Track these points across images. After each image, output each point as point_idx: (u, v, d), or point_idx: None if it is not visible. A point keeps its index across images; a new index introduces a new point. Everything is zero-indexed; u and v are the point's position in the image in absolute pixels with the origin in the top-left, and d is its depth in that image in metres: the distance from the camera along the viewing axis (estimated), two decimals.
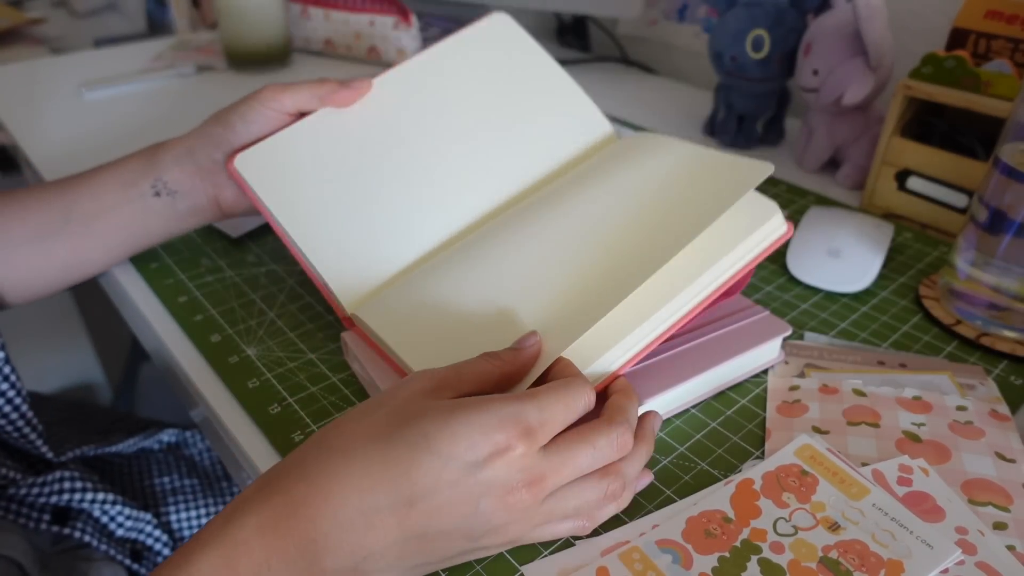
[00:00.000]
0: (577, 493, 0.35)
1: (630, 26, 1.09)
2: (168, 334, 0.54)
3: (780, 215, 0.46)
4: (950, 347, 0.52)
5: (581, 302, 0.42)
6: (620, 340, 0.40)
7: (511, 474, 0.32)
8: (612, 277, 0.42)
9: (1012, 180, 0.48)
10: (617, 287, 0.41)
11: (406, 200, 0.51)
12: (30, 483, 0.54)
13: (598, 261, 0.44)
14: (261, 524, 0.31)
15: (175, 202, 0.53)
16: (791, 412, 0.45)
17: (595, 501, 0.36)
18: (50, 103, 0.90)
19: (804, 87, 0.73)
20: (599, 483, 0.35)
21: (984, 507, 0.39)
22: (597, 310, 0.40)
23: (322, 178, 0.51)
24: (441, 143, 0.54)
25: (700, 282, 0.43)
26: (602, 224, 0.47)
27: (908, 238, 0.65)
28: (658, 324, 0.42)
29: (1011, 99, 0.60)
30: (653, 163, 0.51)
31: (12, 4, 1.42)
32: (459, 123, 0.55)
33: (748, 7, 0.74)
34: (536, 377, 0.38)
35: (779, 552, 0.36)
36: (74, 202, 0.52)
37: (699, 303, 0.43)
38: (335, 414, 0.46)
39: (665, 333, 0.42)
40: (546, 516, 0.34)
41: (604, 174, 0.51)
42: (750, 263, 0.45)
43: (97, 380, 1.47)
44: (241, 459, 0.46)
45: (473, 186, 0.53)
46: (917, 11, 0.80)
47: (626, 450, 0.36)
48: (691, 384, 0.45)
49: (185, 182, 0.53)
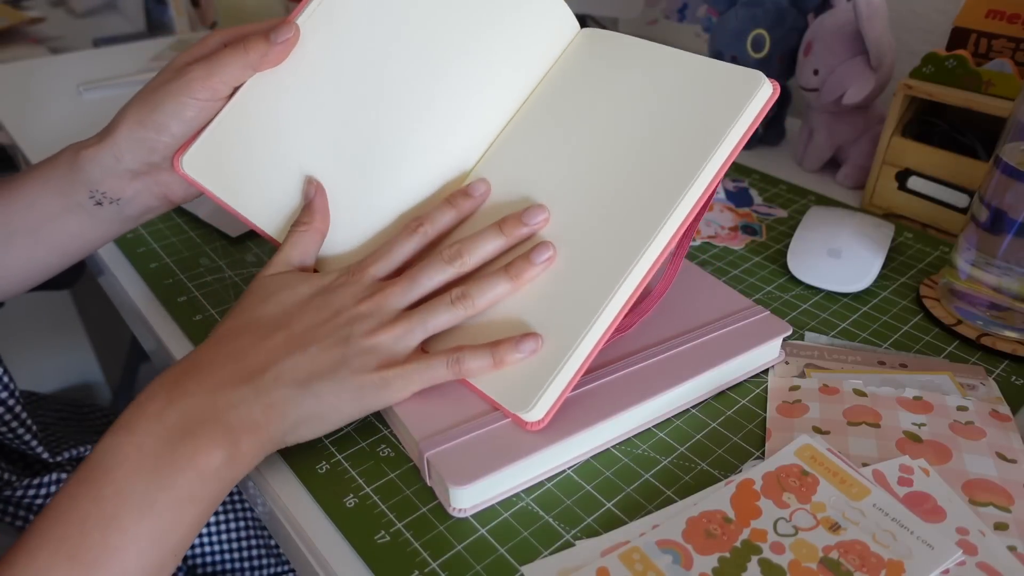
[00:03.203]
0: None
1: (630, 26, 1.09)
2: (167, 334, 0.54)
3: (765, 80, 0.44)
4: (951, 347, 0.52)
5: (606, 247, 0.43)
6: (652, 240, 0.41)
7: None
8: (627, 228, 0.43)
9: (1013, 180, 0.48)
10: (634, 237, 0.42)
11: (379, 159, 0.48)
12: (25, 484, 0.54)
13: (609, 216, 0.44)
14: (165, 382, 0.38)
15: (122, 208, 0.49)
16: (791, 412, 0.45)
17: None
18: (49, 103, 0.90)
19: (804, 87, 0.72)
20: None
21: (985, 507, 0.39)
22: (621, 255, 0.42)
23: (277, 154, 0.47)
24: (396, 82, 0.48)
25: (707, 168, 0.42)
26: (604, 166, 0.46)
27: (909, 238, 0.65)
28: (679, 212, 0.42)
29: (1012, 98, 0.60)
30: (636, 82, 0.48)
31: (11, 3, 1.42)
32: (411, 54, 0.48)
33: (748, 7, 0.74)
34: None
35: (779, 552, 0.36)
36: (12, 214, 0.48)
37: (708, 185, 0.43)
38: None
39: (689, 217, 0.43)
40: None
41: (589, 97, 0.49)
42: (744, 135, 0.44)
43: (96, 380, 1.47)
44: None
45: (451, 129, 0.49)
46: (918, 10, 0.80)
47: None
48: (691, 384, 0.45)
49: (126, 189, 0.48)
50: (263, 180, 0.47)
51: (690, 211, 0.42)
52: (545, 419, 0.40)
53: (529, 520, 0.39)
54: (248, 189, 0.47)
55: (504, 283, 0.43)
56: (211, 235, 0.64)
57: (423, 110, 0.48)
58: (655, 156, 0.44)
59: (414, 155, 0.48)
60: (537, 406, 0.40)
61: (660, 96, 0.46)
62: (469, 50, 0.49)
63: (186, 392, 0.38)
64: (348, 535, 0.39)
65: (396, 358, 0.41)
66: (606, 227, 0.43)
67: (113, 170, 0.47)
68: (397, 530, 0.39)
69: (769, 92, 0.44)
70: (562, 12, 0.51)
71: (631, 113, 0.47)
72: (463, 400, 0.42)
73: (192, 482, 0.36)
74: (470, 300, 0.42)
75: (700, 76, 0.46)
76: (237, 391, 0.38)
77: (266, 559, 0.64)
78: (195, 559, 0.63)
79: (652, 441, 0.44)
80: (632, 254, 0.41)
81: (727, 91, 0.44)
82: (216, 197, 0.47)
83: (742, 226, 0.66)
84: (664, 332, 0.47)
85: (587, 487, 0.41)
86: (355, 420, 0.42)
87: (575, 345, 0.40)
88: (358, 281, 0.43)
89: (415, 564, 0.37)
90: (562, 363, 0.40)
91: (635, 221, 0.42)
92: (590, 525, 0.39)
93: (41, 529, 0.33)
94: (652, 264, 0.42)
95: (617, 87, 0.48)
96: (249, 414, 0.38)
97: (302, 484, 0.42)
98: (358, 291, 0.43)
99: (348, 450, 0.43)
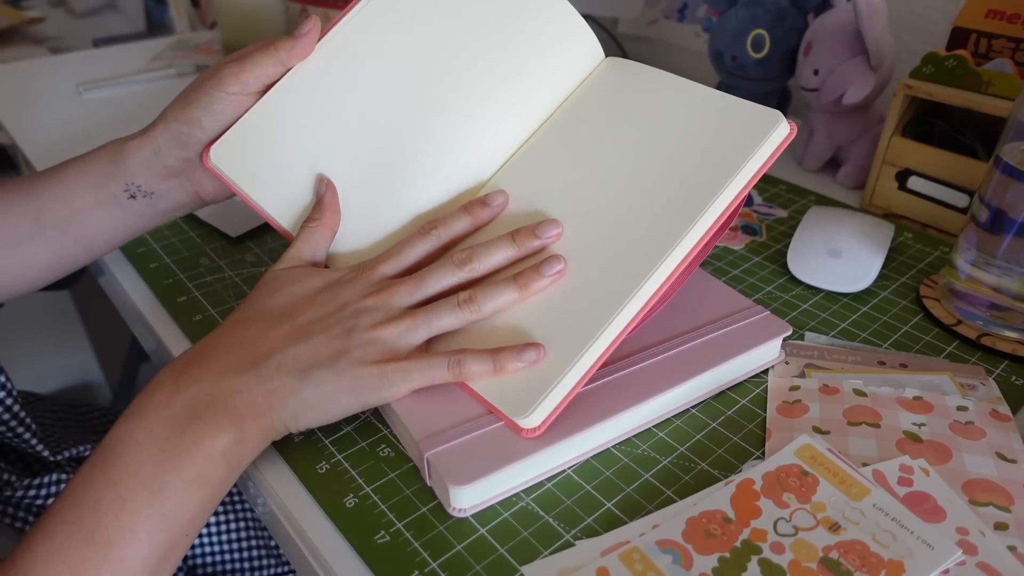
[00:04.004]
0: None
1: (630, 25, 1.08)
2: (167, 334, 0.53)
3: (783, 120, 0.45)
4: (951, 347, 0.52)
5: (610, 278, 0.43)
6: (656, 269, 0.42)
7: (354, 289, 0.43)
8: (636, 254, 0.43)
9: (1013, 180, 0.48)
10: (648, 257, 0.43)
11: (398, 164, 0.49)
12: (26, 485, 0.54)
13: (617, 241, 0.45)
14: (153, 426, 0.37)
15: (154, 202, 0.51)
16: (791, 412, 0.45)
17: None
18: (49, 103, 0.90)
19: (804, 87, 0.72)
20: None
21: (985, 507, 0.39)
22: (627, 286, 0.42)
23: (299, 151, 0.48)
24: (421, 92, 0.49)
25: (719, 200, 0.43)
26: (620, 190, 0.47)
27: (909, 238, 0.65)
28: (687, 240, 0.43)
29: (1012, 98, 0.60)
30: (657, 112, 0.49)
31: (11, 3, 1.42)
32: (439, 66, 0.50)
33: (748, 7, 0.74)
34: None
35: (779, 552, 0.36)
36: (43, 207, 0.50)
37: (718, 218, 0.44)
38: None
39: (698, 246, 0.43)
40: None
41: (608, 122, 0.50)
42: (758, 172, 0.45)
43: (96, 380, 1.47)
44: None
45: (472, 140, 0.50)
46: (918, 10, 0.80)
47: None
48: (691, 384, 0.45)
49: (160, 184, 0.50)
50: (283, 176, 0.49)
51: (699, 240, 0.43)
52: (541, 427, 0.40)
53: (529, 520, 0.39)
54: (269, 184, 0.48)
55: (512, 291, 0.43)
56: (211, 235, 0.64)
57: (444, 120, 0.50)
58: (669, 184, 0.45)
59: (431, 162, 0.49)
60: (534, 414, 0.40)
61: (679, 127, 0.48)
62: (496, 68, 0.51)
63: (193, 378, 0.39)
64: (348, 535, 0.39)
65: (397, 353, 0.41)
66: (616, 248, 0.44)
67: (152, 163, 0.49)
68: (397, 530, 0.39)
69: (786, 132, 0.45)
70: (588, 39, 0.53)
71: (650, 140, 0.48)
72: (463, 400, 0.42)
73: (199, 464, 0.37)
74: (476, 304, 0.43)
75: (721, 111, 0.47)
76: (240, 377, 0.39)
77: (266, 559, 0.64)
78: (195, 559, 0.62)
79: (652, 441, 0.44)
80: (639, 276, 0.42)
81: (746, 127, 0.45)
82: (238, 190, 0.48)
83: (742, 226, 0.66)
84: (664, 332, 0.47)
85: (587, 487, 0.41)
86: (356, 412, 0.42)
87: (577, 358, 0.41)
88: (367, 278, 0.44)
89: (415, 564, 0.37)
90: (563, 374, 0.40)
91: (644, 245, 0.43)
92: (590, 525, 0.39)
93: (57, 511, 0.35)
94: (658, 287, 0.42)
95: (637, 114, 0.49)
96: (252, 399, 0.39)
97: (302, 484, 0.42)
98: (366, 287, 0.43)
99: (348, 450, 0.43)
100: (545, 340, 0.42)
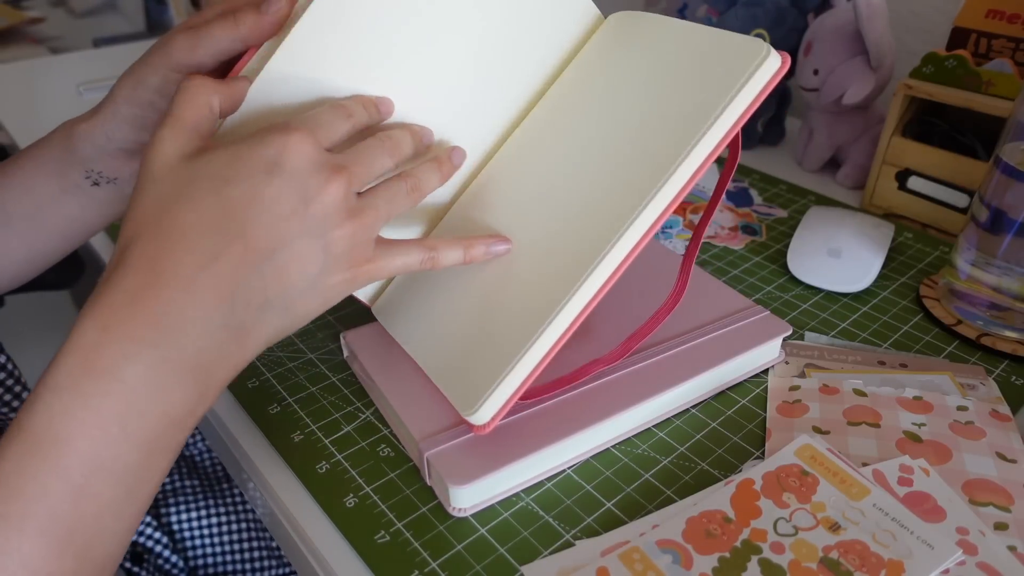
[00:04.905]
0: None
1: None
2: None
3: (772, 52, 0.39)
4: (951, 347, 0.52)
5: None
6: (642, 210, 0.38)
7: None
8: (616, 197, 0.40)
9: (1013, 180, 0.48)
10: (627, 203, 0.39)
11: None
12: None
13: (595, 196, 0.41)
14: (105, 323, 0.31)
15: (120, 187, 0.47)
16: (791, 412, 0.45)
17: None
18: (49, 102, 0.90)
19: (804, 87, 0.73)
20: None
21: (985, 507, 0.39)
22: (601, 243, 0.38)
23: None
24: (411, 73, 0.44)
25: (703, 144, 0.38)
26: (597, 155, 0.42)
27: (909, 238, 0.65)
28: (674, 184, 0.38)
29: (1012, 98, 0.60)
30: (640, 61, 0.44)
31: (11, 3, 1.42)
32: (423, 40, 0.44)
33: (748, 7, 0.74)
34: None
35: (779, 552, 0.36)
36: (6, 199, 0.46)
37: (703, 161, 0.39)
38: (335, 414, 0.46)
39: (683, 192, 0.38)
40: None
41: (596, 77, 0.46)
42: (745, 112, 0.39)
43: None
44: (241, 459, 0.46)
45: (464, 126, 0.46)
46: (918, 10, 0.80)
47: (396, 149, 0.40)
48: (691, 384, 0.45)
49: (122, 168, 0.46)
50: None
51: (665, 208, 0.38)
52: (490, 424, 0.39)
53: (529, 520, 0.39)
54: None
55: (434, 172, 0.42)
56: None
57: (430, 92, 0.45)
58: (635, 142, 0.41)
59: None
60: (482, 409, 0.39)
61: (656, 73, 0.42)
62: (486, 41, 0.46)
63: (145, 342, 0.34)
64: (348, 535, 0.39)
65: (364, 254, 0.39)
66: (570, 226, 0.40)
67: (105, 149, 0.44)
68: (397, 530, 0.39)
69: (776, 65, 0.39)
70: (582, 4, 0.48)
71: (626, 94, 0.43)
72: None
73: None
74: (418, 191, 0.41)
75: (703, 48, 0.41)
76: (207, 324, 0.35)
77: (267, 560, 0.64)
78: (195, 560, 0.62)
79: (652, 441, 0.44)
80: (593, 254, 0.38)
81: (727, 63, 0.39)
82: None
83: (742, 226, 0.66)
84: (664, 332, 0.47)
85: (587, 487, 0.41)
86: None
87: (525, 350, 0.38)
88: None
89: (415, 564, 0.37)
90: (511, 368, 0.38)
91: (602, 218, 0.39)
92: (590, 525, 0.39)
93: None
94: (620, 263, 0.39)
95: (617, 68, 0.45)
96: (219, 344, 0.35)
97: (302, 484, 0.42)
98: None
99: (348, 450, 0.43)
100: (491, 334, 0.40)
